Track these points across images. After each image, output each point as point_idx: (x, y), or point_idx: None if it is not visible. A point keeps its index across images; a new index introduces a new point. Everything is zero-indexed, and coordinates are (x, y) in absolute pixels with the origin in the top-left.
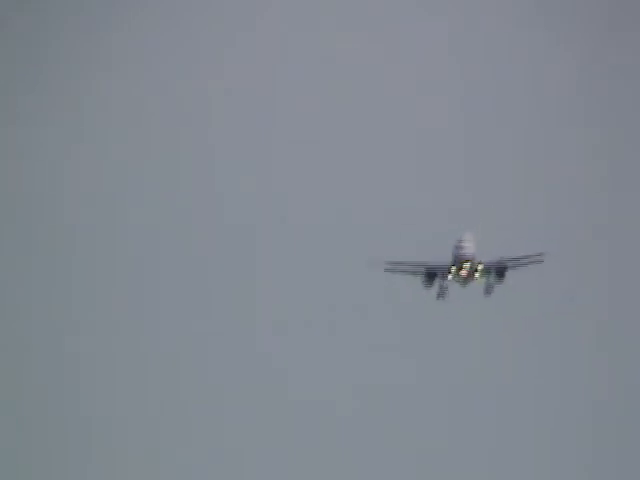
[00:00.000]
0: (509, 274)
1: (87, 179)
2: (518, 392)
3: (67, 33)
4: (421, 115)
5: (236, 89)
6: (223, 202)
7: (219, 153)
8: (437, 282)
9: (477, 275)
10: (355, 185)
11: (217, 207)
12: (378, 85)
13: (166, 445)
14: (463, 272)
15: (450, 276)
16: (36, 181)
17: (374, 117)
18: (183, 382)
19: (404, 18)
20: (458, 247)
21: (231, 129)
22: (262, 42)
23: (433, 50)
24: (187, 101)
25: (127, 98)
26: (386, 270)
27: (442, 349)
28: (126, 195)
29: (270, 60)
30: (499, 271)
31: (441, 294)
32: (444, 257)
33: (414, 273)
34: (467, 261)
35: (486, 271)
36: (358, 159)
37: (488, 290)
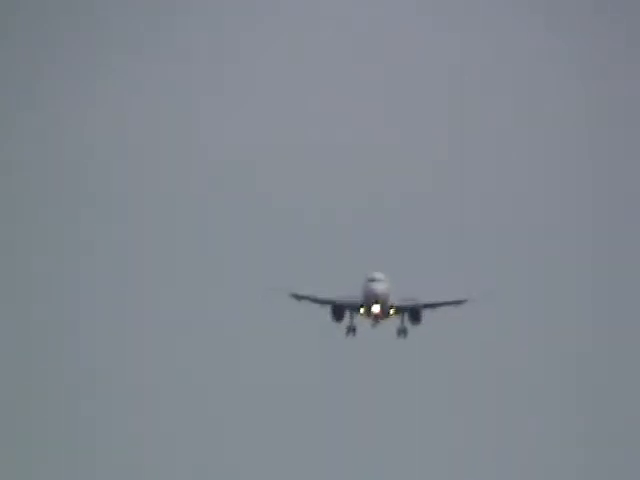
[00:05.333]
0: (427, 315)
1: (86, 179)
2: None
3: (67, 33)
4: (371, 126)
5: (236, 89)
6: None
7: (217, 153)
8: (346, 317)
9: (392, 312)
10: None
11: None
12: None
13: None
14: (373, 312)
15: (362, 310)
16: (35, 180)
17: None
18: None
19: (404, 18)
20: (368, 285)
21: (230, 129)
22: (262, 42)
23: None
24: (186, 102)
25: (127, 98)
26: (292, 296)
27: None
28: (125, 195)
29: (270, 60)
30: (413, 314)
31: (350, 330)
32: (355, 293)
33: (322, 304)
34: (377, 302)
35: (399, 313)
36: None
37: (401, 332)
